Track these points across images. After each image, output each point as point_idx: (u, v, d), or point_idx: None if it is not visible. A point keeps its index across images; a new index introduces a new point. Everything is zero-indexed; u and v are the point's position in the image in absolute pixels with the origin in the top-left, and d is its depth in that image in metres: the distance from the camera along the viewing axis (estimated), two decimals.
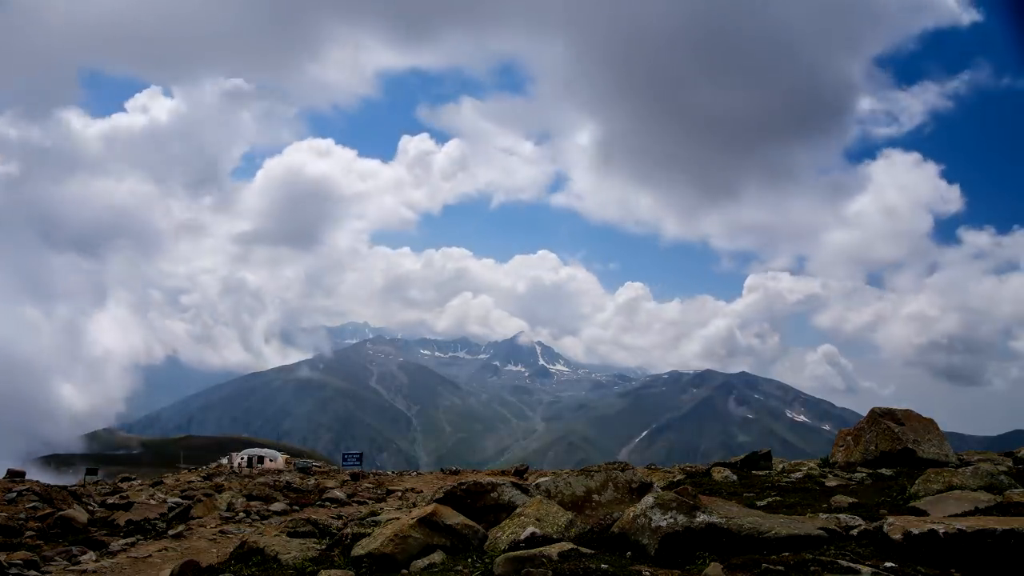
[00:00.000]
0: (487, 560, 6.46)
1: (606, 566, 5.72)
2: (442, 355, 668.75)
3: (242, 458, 61.29)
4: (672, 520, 6.29)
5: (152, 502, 20.71)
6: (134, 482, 32.49)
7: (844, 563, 5.35)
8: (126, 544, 14.48)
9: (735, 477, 13.80)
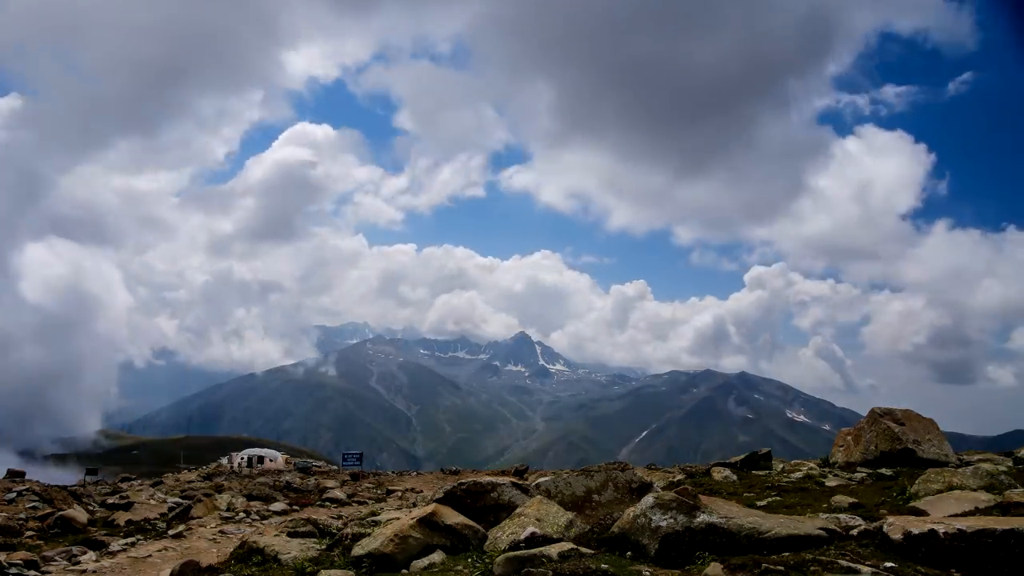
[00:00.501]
0: (487, 560, 6.47)
1: (606, 566, 5.73)
2: (442, 355, 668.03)
3: (242, 458, 61.30)
4: (672, 520, 6.30)
5: (152, 502, 20.74)
6: (134, 482, 32.51)
7: (844, 563, 5.35)
8: (126, 544, 14.48)
9: (735, 477, 13.83)
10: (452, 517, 7.43)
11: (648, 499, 6.74)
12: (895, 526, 5.85)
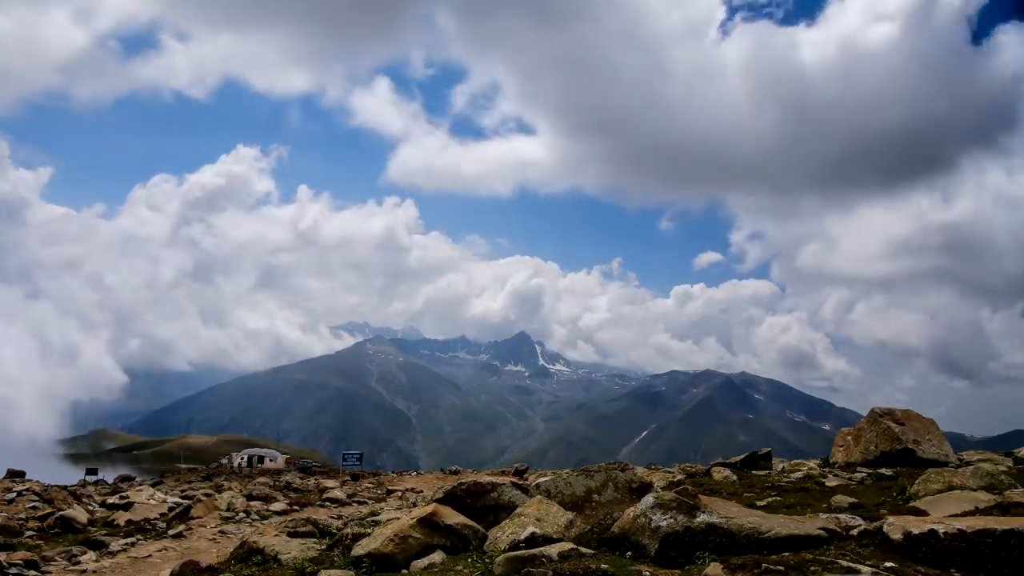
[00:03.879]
0: (487, 560, 6.47)
1: (606, 566, 5.73)
2: (442, 355, 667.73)
3: (242, 458, 61.41)
4: (672, 520, 6.29)
5: (152, 502, 20.71)
6: (134, 482, 32.55)
7: (844, 563, 5.35)
8: (126, 544, 14.47)
9: (735, 477, 13.83)
10: (452, 517, 7.43)
11: (648, 499, 6.74)
12: (895, 526, 5.85)
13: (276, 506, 21.72)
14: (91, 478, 35.63)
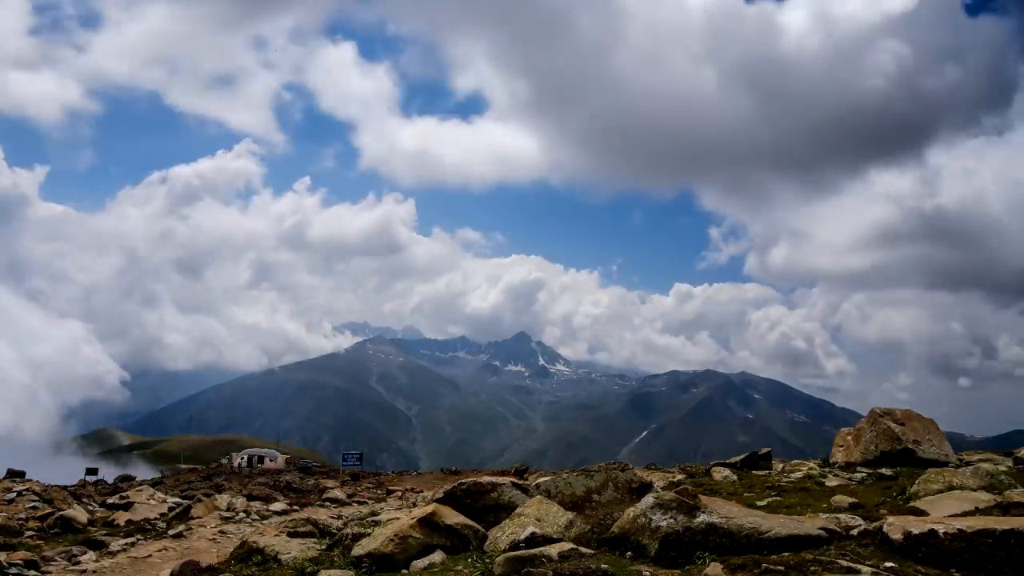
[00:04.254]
0: (487, 560, 6.48)
1: (606, 566, 5.73)
2: (442, 355, 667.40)
3: (242, 458, 61.41)
4: (672, 520, 6.30)
5: (152, 502, 20.72)
6: (134, 482, 32.57)
7: (844, 563, 5.35)
8: (126, 544, 14.47)
9: (735, 477, 13.84)
10: (452, 517, 7.43)
11: (648, 499, 6.74)
12: (895, 526, 5.85)
13: (276, 506, 21.73)
14: (91, 478, 35.67)
